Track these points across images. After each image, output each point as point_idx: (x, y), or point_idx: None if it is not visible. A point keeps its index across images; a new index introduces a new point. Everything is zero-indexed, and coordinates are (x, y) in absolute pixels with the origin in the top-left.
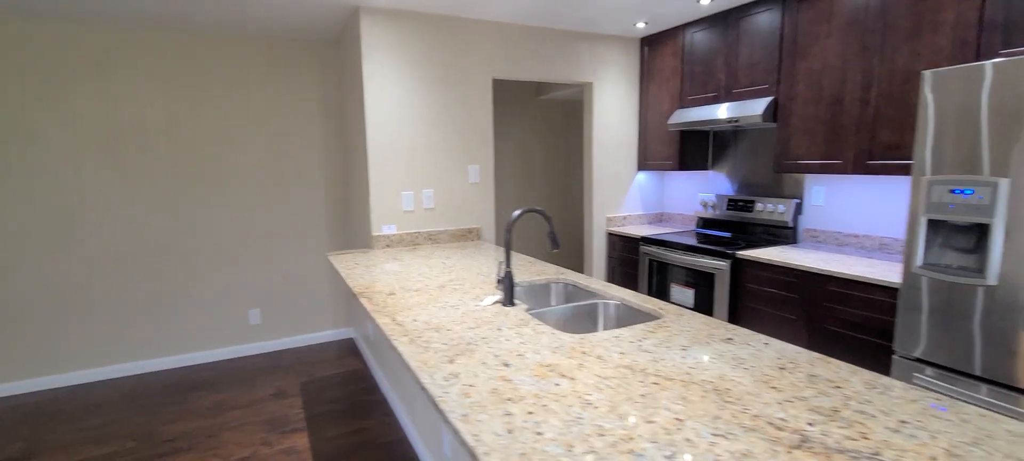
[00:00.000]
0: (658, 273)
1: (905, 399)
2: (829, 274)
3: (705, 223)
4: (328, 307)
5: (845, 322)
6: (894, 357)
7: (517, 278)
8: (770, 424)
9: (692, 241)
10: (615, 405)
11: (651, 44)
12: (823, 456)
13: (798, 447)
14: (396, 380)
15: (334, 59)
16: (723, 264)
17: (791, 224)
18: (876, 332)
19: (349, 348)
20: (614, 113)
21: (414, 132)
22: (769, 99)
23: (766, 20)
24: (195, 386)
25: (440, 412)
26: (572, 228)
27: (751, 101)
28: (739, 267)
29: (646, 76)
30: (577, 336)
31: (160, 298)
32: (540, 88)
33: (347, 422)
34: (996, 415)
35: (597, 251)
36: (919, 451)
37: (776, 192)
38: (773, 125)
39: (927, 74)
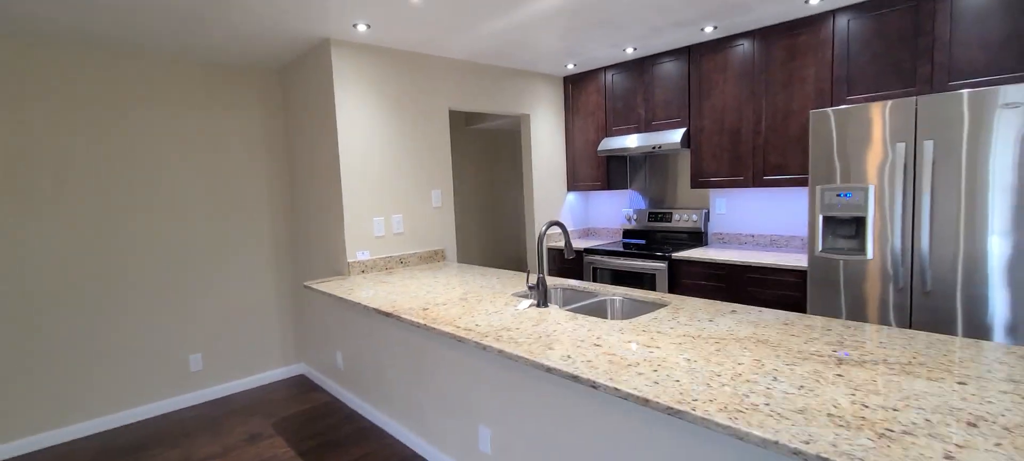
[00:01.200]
0: (601, 278)
1: (863, 333)
2: (749, 264)
3: (629, 234)
4: (276, 343)
5: (764, 301)
6: None
7: (513, 288)
8: (813, 354)
9: (622, 248)
10: (707, 359)
11: (574, 82)
12: (858, 367)
13: (838, 362)
14: (389, 402)
15: (277, 88)
16: (662, 265)
17: (702, 229)
18: (790, 304)
19: (304, 384)
20: (547, 141)
21: (382, 160)
22: (684, 129)
23: (675, 67)
24: (138, 447)
25: (586, 382)
26: (503, 243)
27: (669, 131)
28: (674, 266)
29: (570, 110)
30: (626, 321)
31: (82, 349)
32: (470, 118)
33: (344, 452)
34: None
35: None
36: (898, 356)
37: (684, 205)
38: (687, 150)
39: (813, 113)
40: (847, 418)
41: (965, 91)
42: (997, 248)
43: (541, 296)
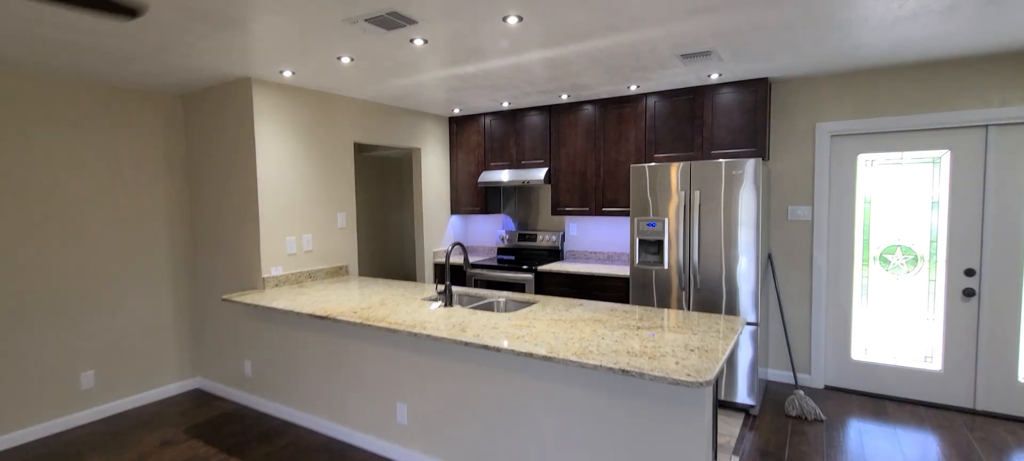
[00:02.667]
0: (481, 287)
1: (656, 313)
2: (592, 274)
3: (502, 251)
4: (172, 359)
5: (603, 298)
6: None
7: (419, 295)
8: (625, 326)
9: (497, 262)
10: (565, 331)
11: (458, 123)
12: (652, 328)
13: (638, 329)
14: (304, 399)
15: (180, 112)
16: (530, 275)
17: (560, 247)
18: (620, 299)
19: (202, 396)
20: (435, 171)
21: (295, 185)
22: (546, 168)
23: (539, 119)
24: None
25: (493, 348)
26: (391, 259)
27: (535, 169)
28: (540, 276)
29: (455, 146)
30: (510, 314)
31: None
32: (361, 147)
33: (268, 443)
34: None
35: (428, 275)
36: (673, 325)
37: (544, 228)
38: (548, 185)
39: (632, 167)
40: (637, 352)
41: (721, 160)
42: (739, 260)
43: (448, 299)
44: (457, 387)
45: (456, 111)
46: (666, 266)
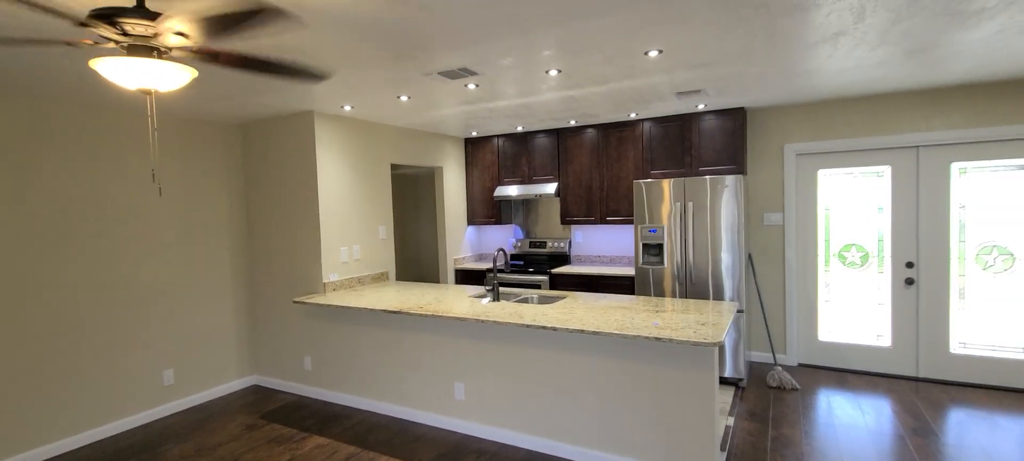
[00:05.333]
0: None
1: (662, 301)
2: (600, 274)
3: (513, 257)
4: (232, 359)
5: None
6: None
7: (464, 294)
8: (646, 310)
9: (511, 267)
10: (601, 315)
11: (473, 144)
12: (669, 314)
13: (657, 312)
14: (364, 387)
15: (239, 139)
16: (545, 277)
17: (568, 252)
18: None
19: (261, 391)
20: (454, 187)
21: (346, 202)
22: (556, 183)
23: (547, 140)
24: (146, 448)
25: (549, 329)
26: (409, 266)
27: (545, 184)
28: (553, 278)
29: (470, 164)
30: (549, 305)
31: (64, 370)
32: (393, 166)
33: (338, 424)
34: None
35: (450, 280)
36: (678, 309)
37: (553, 236)
38: (557, 197)
39: (634, 182)
40: (662, 327)
41: (707, 176)
42: (723, 258)
43: (495, 294)
44: (509, 365)
45: (473, 134)
46: (665, 265)
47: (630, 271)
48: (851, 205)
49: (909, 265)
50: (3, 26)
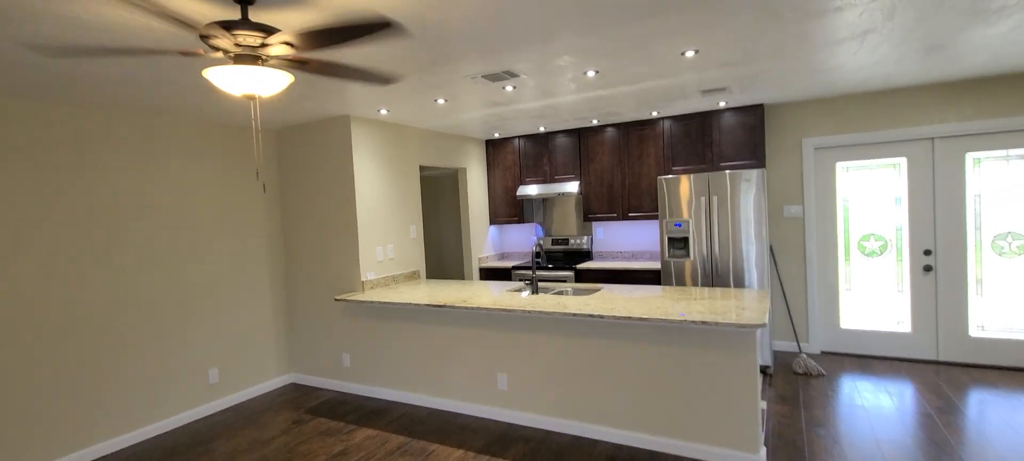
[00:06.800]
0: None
1: (689, 290)
2: (625, 269)
3: (536, 255)
4: (272, 357)
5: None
6: None
7: (500, 289)
8: (684, 298)
9: (536, 265)
10: (640, 303)
11: (494, 145)
12: (704, 301)
13: (694, 300)
14: (404, 381)
15: (274, 143)
16: (571, 273)
17: (590, 249)
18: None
19: (300, 389)
20: (476, 187)
21: (381, 203)
22: (577, 181)
23: (568, 140)
24: (200, 442)
25: (597, 317)
26: (432, 264)
27: (567, 182)
28: (578, 273)
29: (491, 165)
30: (587, 296)
31: (112, 370)
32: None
33: (381, 417)
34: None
35: (475, 277)
36: (705, 297)
37: (574, 233)
38: (578, 195)
39: (658, 178)
40: (705, 312)
41: (727, 171)
42: (746, 250)
43: (534, 288)
44: (551, 355)
45: (495, 135)
46: (691, 256)
47: (654, 265)
48: (869, 196)
49: (927, 253)
50: (124, 36)
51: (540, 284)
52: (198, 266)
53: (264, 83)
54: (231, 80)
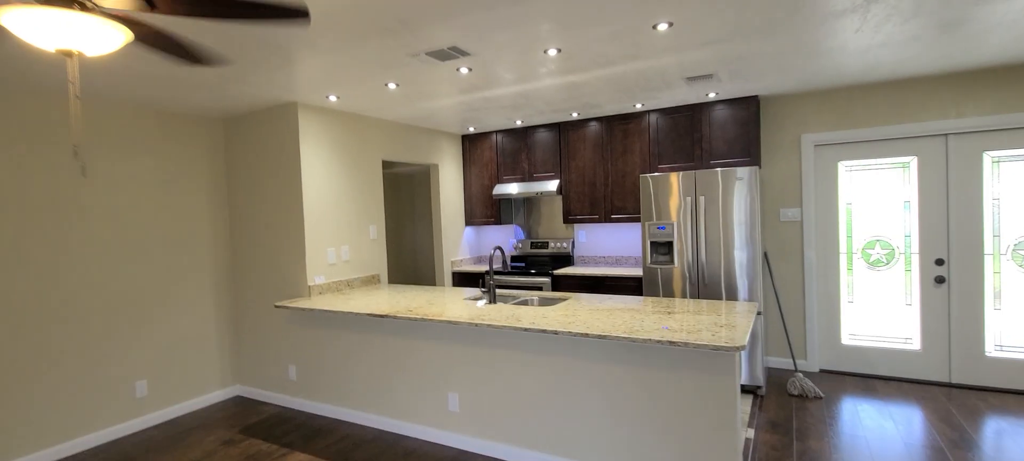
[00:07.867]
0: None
1: (672, 302)
2: (606, 275)
3: (514, 258)
4: (214, 368)
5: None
6: None
7: (459, 297)
8: (657, 312)
9: (511, 269)
10: (606, 317)
11: (471, 140)
12: (682, 316)
13: (670, 314)
14: (352, 397)
15: (221, 134)
16: (548, 279)
17: (571, 253)
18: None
19: (244, 402)
20: (451, 185)
21: (333, 200)
22: (558, 180)
23: (549, 134)
24: None
25: (551, 332)
26: (405, 268)
27: (547, 181)
28: (556, 279)
29: (468, 161)
30: (551, 307)
31: (27, 381)
32: (385, 164)
33: (323, 438)
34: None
35: (447, 282)
36: (690, 309)
37: (555, 236)
38: (559, 195)
39: (641, 176)
40: (677, 329)
41: (718, 169)
42: (737, 256)
43: (492, 296)
44: (507, 373)
45: (471, 129)
46: (676, 264)
47: (637, 272)
48: (875, 199)
49: (939, 262)
50: None
51: (505, 292)
52: (127, 268)
53: (85, 37)
54: (39, 29)
